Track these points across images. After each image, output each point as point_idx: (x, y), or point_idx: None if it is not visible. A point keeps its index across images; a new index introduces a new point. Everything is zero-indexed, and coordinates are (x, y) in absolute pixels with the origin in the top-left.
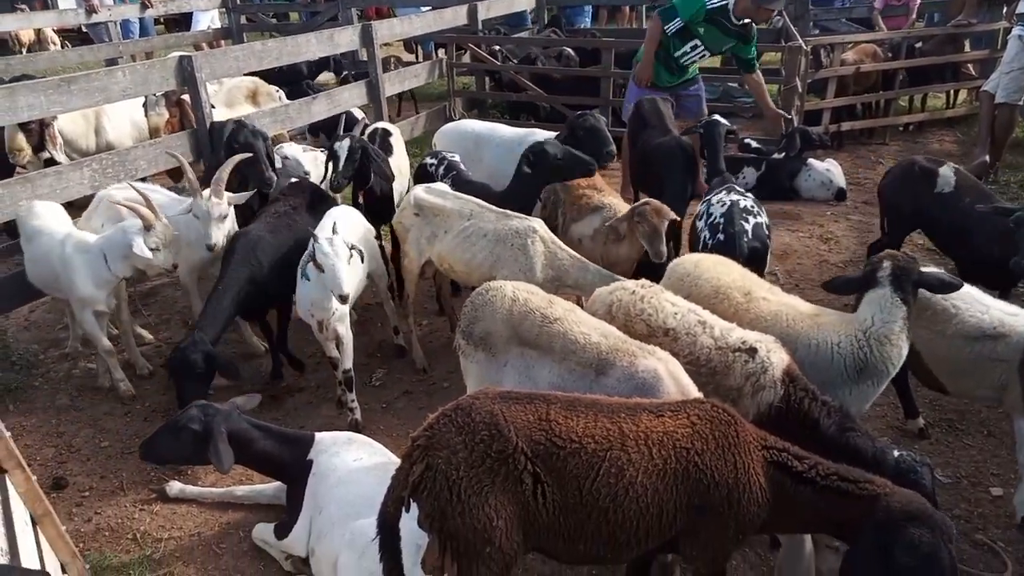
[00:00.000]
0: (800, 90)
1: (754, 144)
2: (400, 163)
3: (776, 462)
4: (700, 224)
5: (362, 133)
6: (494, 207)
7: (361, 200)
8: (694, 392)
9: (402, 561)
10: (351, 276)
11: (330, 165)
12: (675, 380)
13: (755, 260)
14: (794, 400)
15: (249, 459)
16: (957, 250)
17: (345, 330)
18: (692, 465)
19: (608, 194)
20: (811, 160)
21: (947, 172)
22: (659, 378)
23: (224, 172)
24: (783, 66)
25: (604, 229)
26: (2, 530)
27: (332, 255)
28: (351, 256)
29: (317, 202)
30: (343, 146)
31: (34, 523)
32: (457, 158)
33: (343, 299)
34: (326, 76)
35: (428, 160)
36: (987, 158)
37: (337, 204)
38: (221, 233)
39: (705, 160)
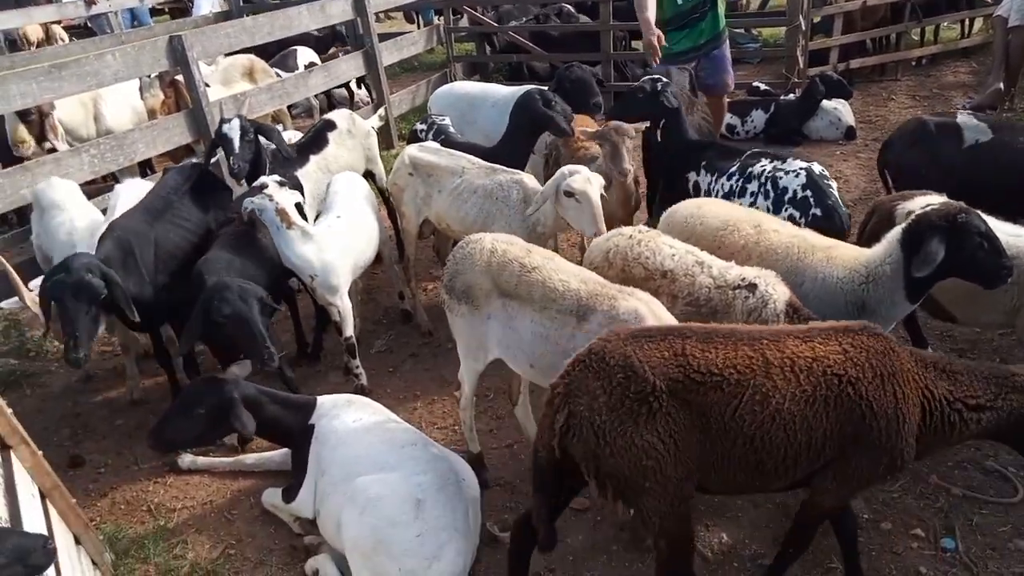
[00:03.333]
0: (804, 29)
1: (762, 87)
2: (342, 158)
3: (943, 395)
4: (744, 202)
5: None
6: (484, 163)
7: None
8: None
9: (548, 509)
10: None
11: (221, 151)
12: (658, 319)
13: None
14: None
15: (257, 426)
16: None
17: (341, 300)
18: (845, 394)
19: None
20: (824, 101)
21: (970, 121)
22: (641, 318)
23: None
24: (787, 5)
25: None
26: (6, 503)
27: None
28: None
29: (206, 187)
30: (233, 126)
31: (43, 497)
32: (447, 121)
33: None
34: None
35: (418, 126)
36: (1001, 85)
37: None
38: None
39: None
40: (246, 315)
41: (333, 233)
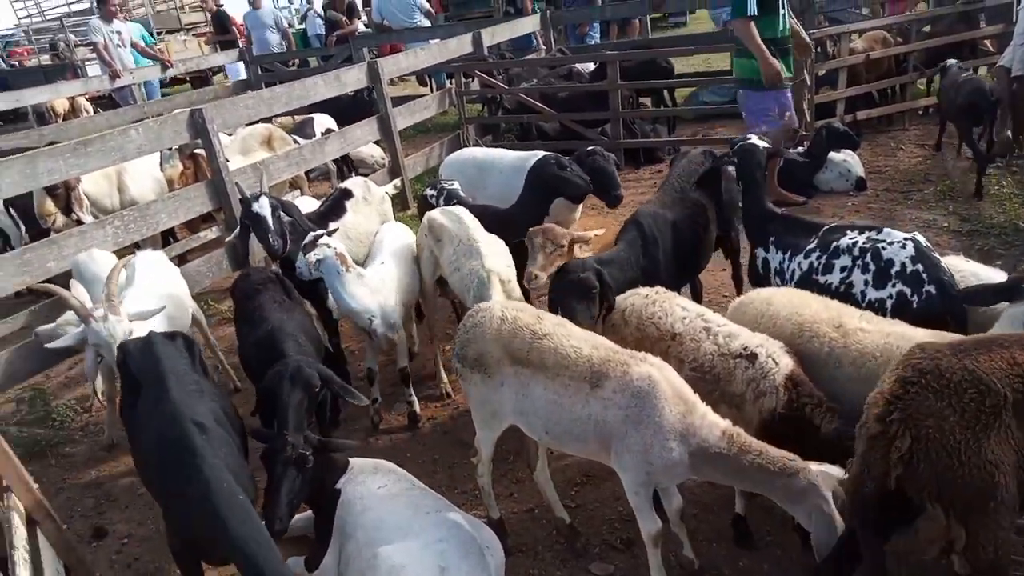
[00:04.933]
0: (809, 83)
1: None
2: (360, 224)
3: None
4: (832, 279)
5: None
6: (482, 244)
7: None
8: (690, 395)
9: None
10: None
11: (255, 232)
12: (670, 384)
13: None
14: (796, 406)
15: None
16: None
17: (398, 335)
18: None
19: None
20: (830, 153)
21: None
22: (655, 383)
23: (111, 283)
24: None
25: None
26: None
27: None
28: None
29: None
30: (263, 205)
31: (68, 573)
32: (456, 185)
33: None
34: None
35: (428, 191)
36: (1009, 133)
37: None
38: None
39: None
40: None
41: (383, 275)
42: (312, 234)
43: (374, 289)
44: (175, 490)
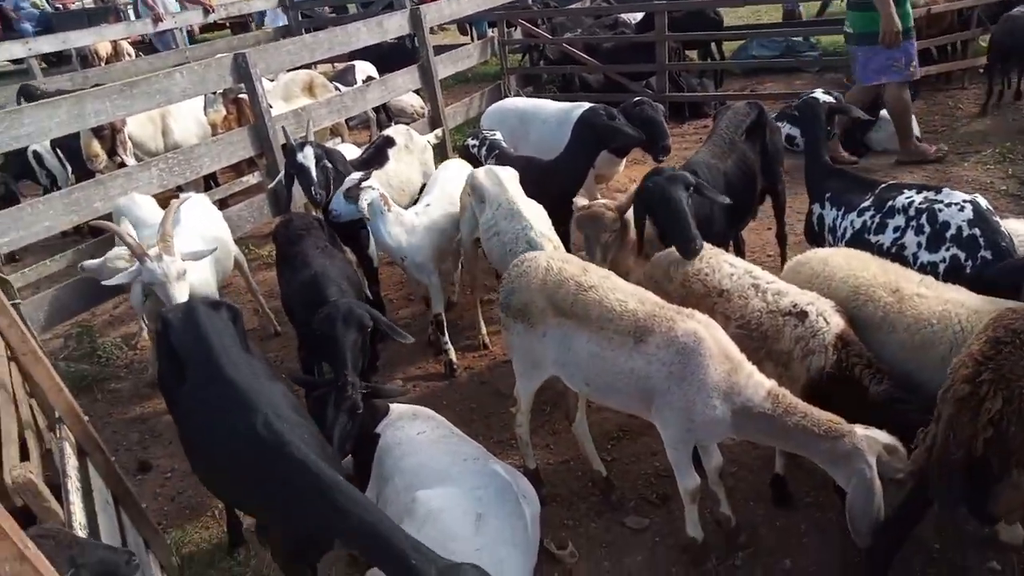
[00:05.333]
0: None
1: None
2: (401, 172)
3: None
4: (884, 239)
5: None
6: (523, 207)
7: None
8: (736, 354)
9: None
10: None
11: (298, 180)
12: (716, 342)
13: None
14: (845, 366)
15: None
16: None
17: (429, 279)
18: None
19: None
20: (883, 111)
21: None
22: (700, 340)
23: (167, 223)
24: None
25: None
26: (83, 509)
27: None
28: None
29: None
30: (308, 155)
31: (116, 503)
32: (499, 136)
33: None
34: None
35: (470, 141)
36: None
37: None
38: (184, 292)
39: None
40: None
41: (421, 218)
42: (349, 178)
43: (409, 230)
44: (276, 490)
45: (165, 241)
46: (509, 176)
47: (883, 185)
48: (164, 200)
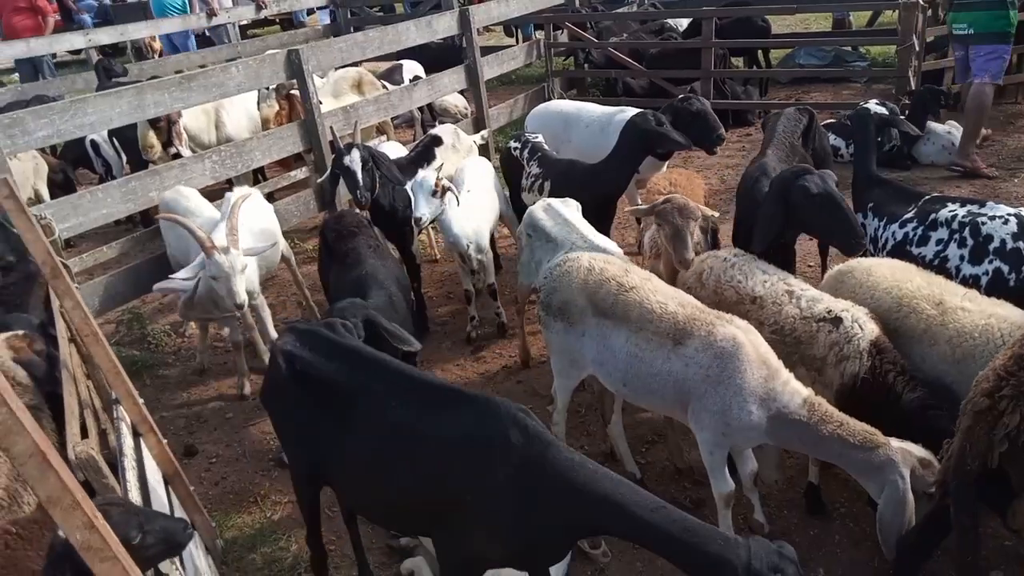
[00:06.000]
0: (917, 49)
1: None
2: (448, 172)
3: None
4: (927, 252)
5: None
6: (601, 242)
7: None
8: (773, 361)
9: (977, 530)
10: (431, 206)
11: (345, 182)
12: (755, 348)
13: None
14: (879, 372)
15: None
16: None
17: (486, 256)
18: None
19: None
20: (931, 123)
21: None
22: (739, 345)
23: (234, 219)
24: (899, 24)
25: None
26: (138, 486)
27: (416, 185)
28: (436, 192)
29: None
30: (354, 159)
31: (166, 483)
32: (540, 138)
33: (417, 222)
34: None
35: (512, 144)
36: None
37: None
38: (244, 287)
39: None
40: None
41: (473, 203)
42: (425, 179)
43: (467, 216)
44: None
45: (233, 235)
46: (572, 211)
47: (927, 197)
48: (210, 193)
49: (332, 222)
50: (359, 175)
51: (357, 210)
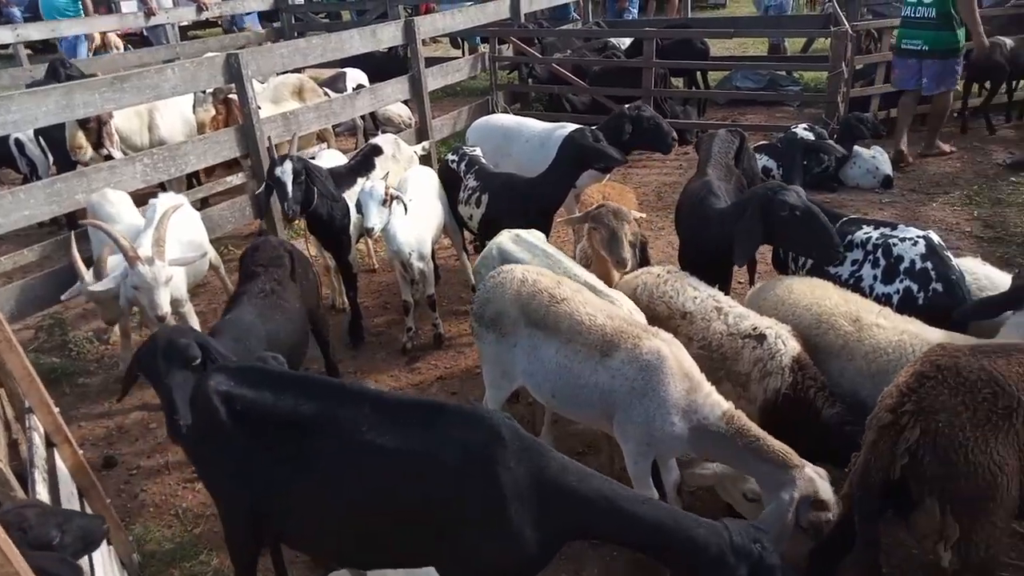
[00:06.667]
0: (846, 76)
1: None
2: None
3: None
4: (843, 271)
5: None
6: (581, 272)
7: (303, 225)
8: (696, 374)
9: (878, 539)
10: (381, 216)
11: (275, 194)
12: (678, 361)
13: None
14: (801, 388)
15: None
16: None
17: (427, 265)
18: None
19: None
20: (857, 147)
21: None
22: (663, 358)
23: (162, 229)
24: (830, 51)
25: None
26: (49, 499)
27: (366, 194)
28: (386, 202)
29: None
30: (286, 170)
31: (81, 496)
32: (479, 152)
33: (369, 232)
34: None
35: (450, 157)
36: None
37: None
38: (168, 299)
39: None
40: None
41: (417, 212)
42: (373, 188)
43: (411, 225)
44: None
45: (159, 245)
46: (543, 240)
47: (844, 219)
48: (140, 198)
49: (249, 251)
50: (289, 188)
51: (281, 235)
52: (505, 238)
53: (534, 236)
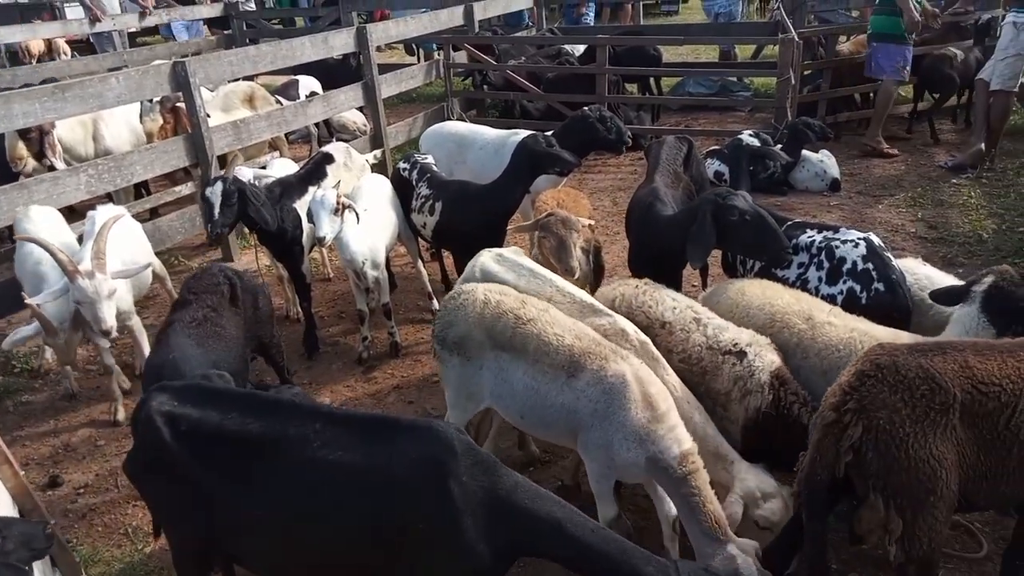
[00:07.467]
0: (794, 82)
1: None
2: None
3: None
4: (789, 274)
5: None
6: (574, 290)
7: (255, 240)
8: (662, 405)
9: (825, 537)
10: (333, 225)
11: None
12: (641, 388)
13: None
14: (783, 405)
15: None
16: None
17: (382, 273)
18: None
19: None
20: (805, 151)
21: None
22: (626, 384)
23: (101, 241)
24: (778, 58)
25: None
26: None
27: (317, 203)
28: (338, 210)
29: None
30: (215, 191)
31: (23, 517)
32: (431, 159)
33: (320, 242)
34: None
35: (401, 164)
36: (983, 146)
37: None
38: (113, 313)
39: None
40: None
41: (370, 221)
42: (325, 197)
43: (364, 234)
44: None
45: (99, 259)
46: (527, 258)
47: (789, 223)
48: (81, 208)
49: (190, 281)
50: (215, 210)
51: (233, 247)
52: (487, 258)
53: (517, 255)
